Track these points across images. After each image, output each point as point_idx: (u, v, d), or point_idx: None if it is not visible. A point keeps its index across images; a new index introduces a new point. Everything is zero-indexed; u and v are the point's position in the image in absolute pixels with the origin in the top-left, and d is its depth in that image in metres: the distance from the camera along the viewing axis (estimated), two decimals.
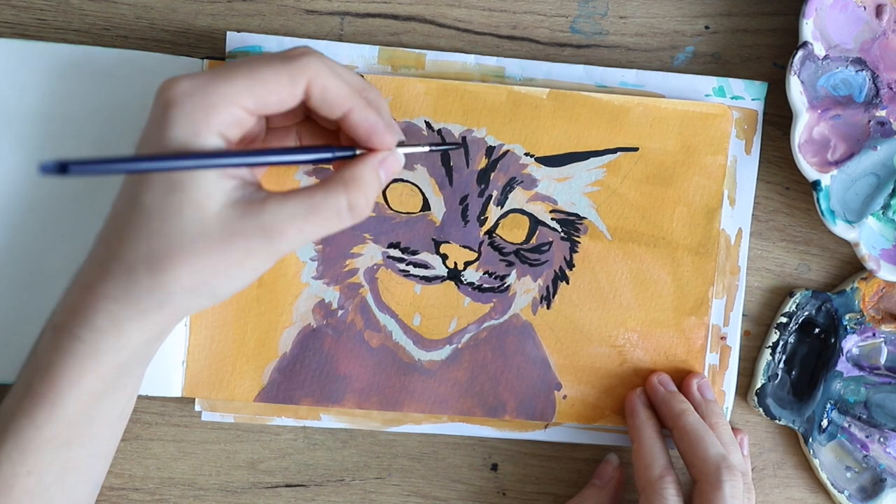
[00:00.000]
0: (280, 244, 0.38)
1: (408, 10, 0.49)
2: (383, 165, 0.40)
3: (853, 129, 0.49)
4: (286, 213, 0.37)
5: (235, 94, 0.37)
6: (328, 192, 0.38)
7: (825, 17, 0.48)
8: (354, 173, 0.39)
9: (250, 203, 0.37)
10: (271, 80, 0.37)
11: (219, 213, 0.37)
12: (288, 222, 0.37)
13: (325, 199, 0.38)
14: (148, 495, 0.50)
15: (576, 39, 0.50)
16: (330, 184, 0.38)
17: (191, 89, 0.37)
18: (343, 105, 0.39)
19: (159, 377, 0.48)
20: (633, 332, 0.50)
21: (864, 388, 0.51)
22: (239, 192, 0.37)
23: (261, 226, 0.37)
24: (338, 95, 0.39)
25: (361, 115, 0.39)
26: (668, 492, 0.45)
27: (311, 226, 0.38)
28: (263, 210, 0.37)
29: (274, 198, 0.38)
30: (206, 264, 0.37)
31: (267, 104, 0.38)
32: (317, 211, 0.38)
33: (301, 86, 0.38)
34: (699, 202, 0.49)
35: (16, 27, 0.48)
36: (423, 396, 0.49)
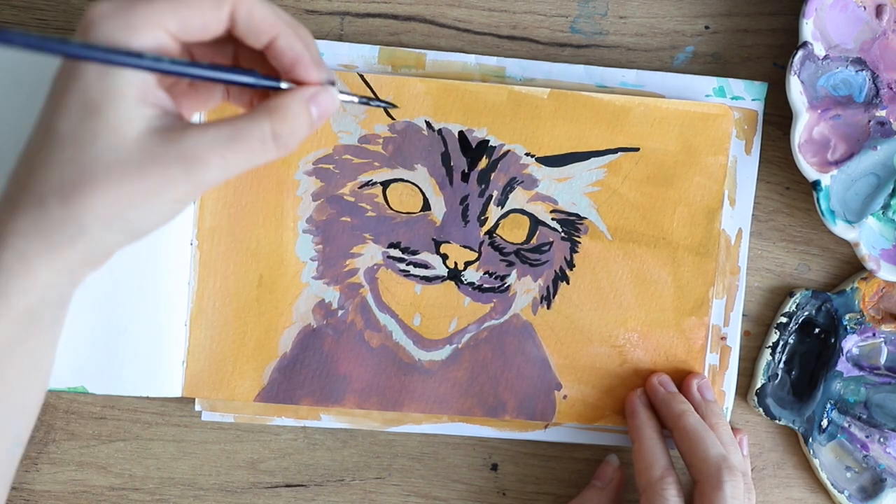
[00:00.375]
0: (202, 173, 0.36)
1: (408, 10, 0.49)
2: (314, 100, 0.38)
3: (853, 129, 0.49)
4: (207, 139, 0.36)
5: (157, 15, 0.35)
6: (252, 119, 0.37)
7: (825, 17, 0.48)
8: (280, 102, 0.37)
9: (170, 130, 0.36)
10: (195, 3, 0.36)
11: (137, 140, 0.35)
12: (209, 149, 0.36)
13: (249, 126, 0.36)
14: (148, 495, 0.50)
15: (576, 39, 0.50)
16: (254, 112, 0.37)
17: (111, 10, 0.35)
18: (269, 31, 0.37)
19: (159, 377, 0.48)
20: (633, 333, 0.50)
21: (864, 388, 0.51)
22: (159, 120, 0.36)
23: (181, 153, 0.35)
24: (263, 21, 0.37)
25: (287, 42, 0.37)
26: (668, 492, 0.45)
27: (234, 154, 0.36)
28: (184, 137, 0.36)
29: (195, 126, 0.36)
30: (122, 193, 0.35)
31: (190, 27, 0.36)
32: (239, 138, 0.36)
33: (226, 9, 0.36)
34: (700, 202, 0.49)
35: (16, 27, 0.48)
36: (423, 396, 0.49)
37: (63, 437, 0.49)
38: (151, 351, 0.47)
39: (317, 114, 0.38)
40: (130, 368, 0.47)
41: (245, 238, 0.48)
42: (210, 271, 0.48)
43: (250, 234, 0.48)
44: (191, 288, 0.48)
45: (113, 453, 0.50)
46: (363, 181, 0.48)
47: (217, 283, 0.48)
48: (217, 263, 0.48)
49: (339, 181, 0.48)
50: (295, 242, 0.48)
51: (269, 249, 0.48)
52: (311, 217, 0.48)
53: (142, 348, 0.47)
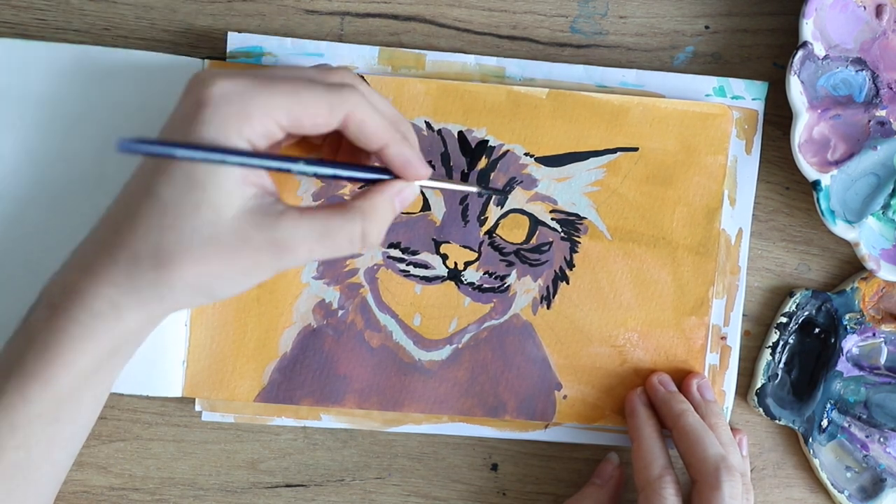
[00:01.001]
0: (288, 261, 0.38)
1: (408, 10, 0.49)
2: (400, 196, 0.40)
3: (853, 129, 0.49)
4: (301, 232, 0.38)
5: (273, 109, 0.37)
6: (345, 219, 0.38)
7: (825, 17, 0.48)
8: (374, 203, 0.39)
9: (266, 215, 0.37)
10: (311, 106, 0.38)
11: (234, 219, 0.37)
12: (300, 241, 0.38)
13: (342, 226, 0.38)
14: (148, 495, 0.50)
15: (576, 39, 0.50)
16: (347, 211, 0.39)
17: (230, 94, 0.37)
18: (380, 140, 0.39)
19: (159, 377, 0.48)
20: (633, 332, 0.50)
21: (864, 388, 0.51)
22: (257, 200, 0.37)
23: (273, 240, 0.37)
24: (375, 132, 0.39)
25: (397, 149, 0.40)
26: (667, 491, 0.45)
27: (322, 248, 0.38)
28: (278, 225, 0.37)
29: (290, 214, 0.38)
30: (213, 268, 0.37)
31: (301, 126, 0.38)
32: (331, 236, 0.38)
33: (339, 117, 0.38)
34: (699, 202, 0.49)
35: (16, 27, 0.48)
36: (424, 396, 0.49)
37: None
38: (151, 351, 0.47)
39: (399, 208, 0.41)
40: (130, 368, 0.47)
41: None
42: None
43: None
44: None
45: (113, 453, 0.50)
46: None
47: None
48: None
49: (340, 181, 0.48)
50: None
51: None
52: None
53: (142, 348, 0.47)
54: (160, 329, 0.47)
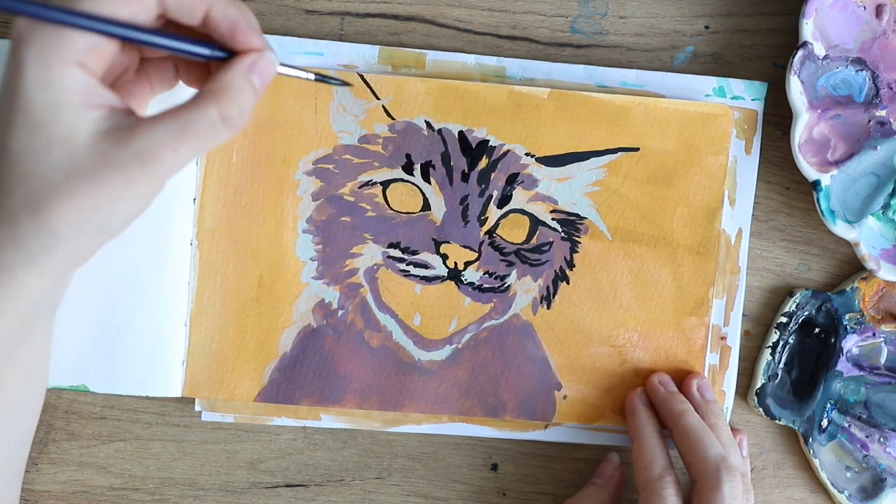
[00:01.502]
0: (158, 169, 0.36)
1: (408, 10, 0.49)
2: (254, 69, 0.37)
3: (853, 129, 0.49)
4: (157, 135, 0.36)
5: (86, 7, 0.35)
6: (198, 107, 0.36)
7: (825, 17, 0.48)
8: (222, 82, 0.37)
9: (120, 131, 0.36)
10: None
11: (89, 146, 0.35)
12: (161, 145, 0.36)
13: (196, 115, 0.36)
14: (148, 495, 0.50)
15: (576, 39, 0.50)
16: (198, 98, 0.37)
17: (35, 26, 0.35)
18: (201, 4, 0.37)
19: (159, 377, 0.48)
20: (633, 332, 0.50)
21: (864, 388, 0.51)
22: (107, 121, 0.36)
23: (134, 153, 0.35)
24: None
25: (221, 11, 0.37)
26: (667, 492, 0.45)
27: (186, 145, 0.36)
28: (134, 136, 0.35)
29: (143, 122, 0.36)
30: (85, 199, 0.35)
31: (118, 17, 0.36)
32: (189, 128, 0.36)
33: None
34: (700, 202, 0.49)
35: None
36: (423, 396, 0.49)
37: (63, 437, 0.49)
38: (151, 351, 0.47)
39: (259, 82, 0.38)
40: (130, 368, 0.47)
41: (245, 238, 0.48)
42: (210, 271, 0.48)
43: (250, 234, 0.48)
44: (191, 288, 0.48)
45: (113, 453, 0.50)
46: (363, 181, 0.48)
47: (217, 283, 0.48)
48: (217, 263, 0.48)
49: (339, 181, 0.48)
50: (295, 242, 0.48)
51: (269, 249, 0.48)
52: (311, 217, 0.48)
53: (142, 348, 0.47)
54: (160, 329, 0.47)
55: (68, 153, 0.35)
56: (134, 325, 0.47)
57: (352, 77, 0.48)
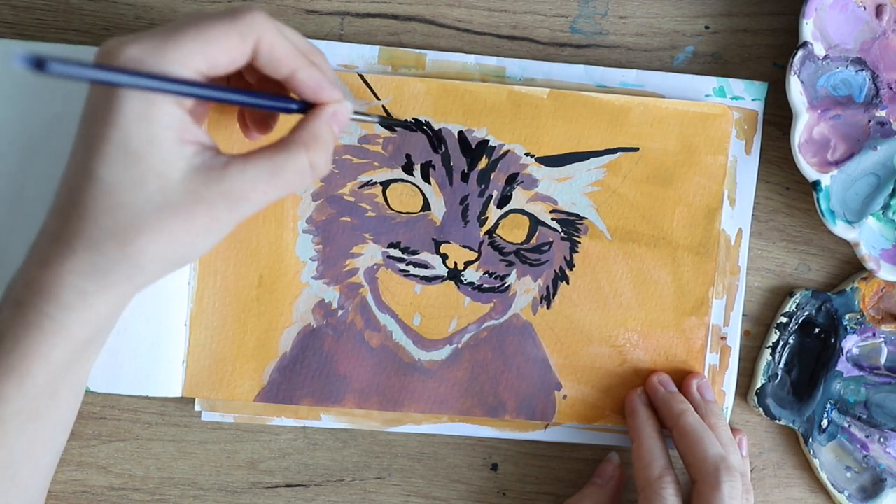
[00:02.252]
0: (244, 208, 0.38)
1: (408, 10, 0.49)
2: (335, 119, 0.40)
3: (853, 129, 0.49)
4: (248, 177, 0.37)
5: (187, 57, 0.36)
6: (289, 153, 0.38)
7: (825, 17, 0.48)
8: (312, 131, 0.39)
9: (211, 169, 0.37)
10: (222, 40, 0.37)
11: (181, 182, 0.36)
12: (251, 186, 0.37)
13: (287, 161, 0.38)
14: (148, 495, 0.50)
15: (576, 39, 0.50)
16: (290, 145, 0.38)
17: (140, 56, 0.35)
18: (290, 64, 0.38)
19: (159, 377, 0.48)
20: (633, 333, 0.50)
21: (864, 388, 0.51)
22: (199, 157, 0.37)
23: (224, 192, 0.37)
24: (285, 55, 0.38)
25: (307, 73, 0.39)
26: (666, 492, 0.45)
27: (275, 188, 0.38)
28: (225, 176, 0.37)
29: (235, 162, 0.37)
30: (173, 234, 0.37)
31: (218, 66, 0.37)
32: (279, 173, 0.38)
33: (250, 44, 0.37)
34: (699, 202, 0.49)
35: (16, 27, 0.48)
36: (423, 396, 0.49)
37: None
38: (152, 351, 0.47)
39: (337, 131, 0.40)
40: (130, 368, 0.47)
41: (245, 238, 0.48)
42: (210, 271, 0.48)
43: (250, 234, 0.48)
44: (191, 288, 0.48)
45: (113, 453, 0.50)
46: (363, 181, 0.48)
47: (217, 283, 0.48)
48: (217, 263, 0.48)
49: (339, 181, 0.48)
50: (295, 242, 0.48)
51: (269, 249, 0.48)
52: (311, 217, 0.48)
53: (142, 348, 0.47)
54: (160, 329, 0.47)
55: (161, 187, 0.36)
56: (134, 324, 0.47)
57: (353, 78, 0.48)
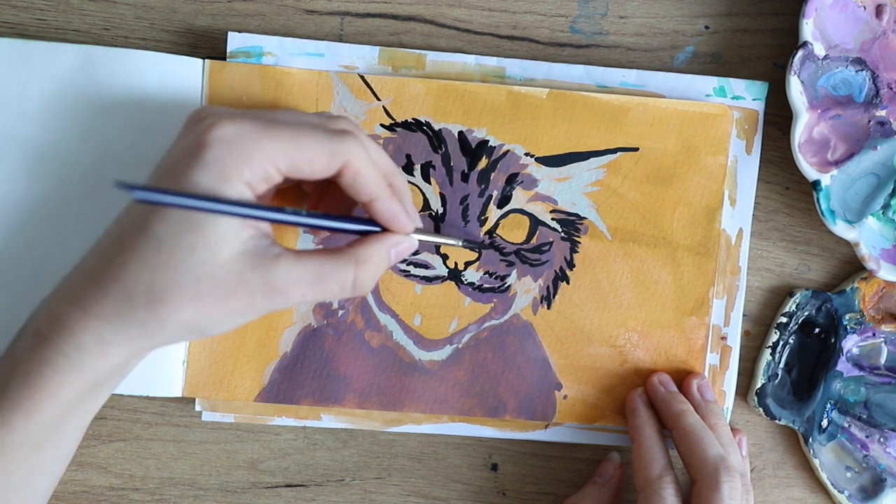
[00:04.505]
0: (280, 302, 0.38)
1: (408, 10, 0.49)
2: (396, 248, 0.41)
3: (853, 129, 0.49)
4: (294, 276, 0.38)
5: (274, 154, 0.37)
6: (339, 266, 0.39)
7: (825, 17, 0.48)
8: (369, 253, 0.40)
9: (262, 257, 0.38)
10: (311, 153, 0.38)
11: (230, 261, 0.37)
12: (294, 285, 0.38)
13: (335, 272, 0.39)
14: (148, 495, 0.50)
15: (576, 39, 0.50)
16: (342, 258, 0.39)
17: (233, 137, 0.37)
18: (371, 193, 0.40)
19: (159, 377, 0.48)
20: (633, 333, 0.50)
21: (864, 388, 0.51)
22: (253, 242, 0.38)
23: (268, 283, 0.38)
24: (368, 184, 0.40)
25: (386, 204, 0.40)
26: (666, 492, 0.45)
27: (314, 293, 0.39)
28: (273, 268, 0.38)
29: (286, 257, 0.38)
30: (206, 308, 0.37)
31: (299, 171, 0.38)
32: (324, 281, 0.39)
33: (337, 165, 0.39)
34: (700, 202, 0.49)
35: (16, 27, 0.48)
36: (424, 396, 0.49)
37: None
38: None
39: (394, 259, 0.41)
40: None
41: None
42: None
43: None
44: None
45: (113, 453, 0.50)
46: None
47: None
48: None
49: None
50: (295, 242, 0.48)
51: None
52: None
53: None
54: None
55: (209, 260, 0.37)
56: None
57: (353, 78, 0.48)
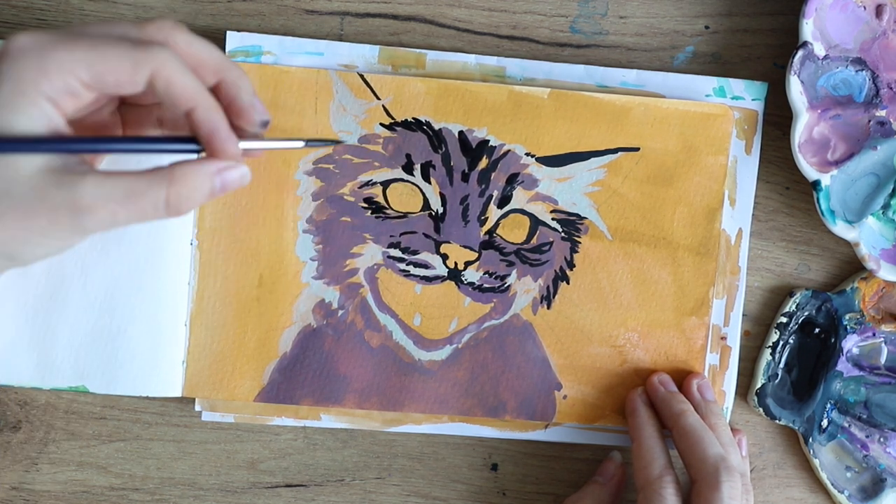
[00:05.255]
0: (88, 222, 0.36)
1: (408, 10, 0.49)
2: (222, 175, 0.39)
3: (853, 129, 0.49)
4: (102, 192, 0.36)
5: (71, 64, 0.35)
6: (150, 183, 0.37)
7: (825, 17, 0.48)
8: (185, 172, 0.38)
9: (68, 174, 0.36)
10: (113, 61, 0.36)
11: (31, 177, 0.35)
12: (102, 202, 0.36)
13: (146, 189, 0.37)
14: (148, 495, 0.50)
15: (576, 39, 0.50)
16: (156, 175, 0.37)
17: (29, 47, 0.35)
18: (186, 102, 0.37)
19: (159, 377, 0.48)
20: (633, 333, 0.50)
21: (864, 388, 0.51)
22: (59, 160, 0.36)
23: (72, 200, 0.35)
24: (182, 93, 0.37)
25: (203, 115, 0.38)
26: (666, 491, 0.45)
27: (126, 211, 0.37)
28: (79, 184, 0.36)
29: (94, 175, 0.36)
30: (7, 226, 0.35)
31: (104, 83, 0.36)
32: (134, 198, 0.36)
33: (144, 75, 0.36)
34: (700, 202, 0.49)
35: (16, 27, 0.48)
36: (424, 396, 0.49)
37: (63, 437, 0.49)
38: (151, 351, 0.47)
39: (220, 186, 0.39)
40: (130, 368, 0.47)
41: (245, 238, 0.48)
42: (210, 271, 0.48)
43: (250, 234, 0.48)
44: (191, 288, 0.48)
45: (113, 453, 0.50)
46: (363, 181, 0.48)
47: (217, 283, 0.48)
48: (217, 263, 0.48)
49: (339, 181, 0.48)
50: (295, 242, 0.48)
51: (269, 249, 0.48)
52: (311, 217, 0.48)
53: (142, 348, 0.47)
54: (160, 329, 0.47)
55: (8, 177, 0.35)
56: (134, 325, 0.47)
57: (353, 78, 0.48)
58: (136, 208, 0.37)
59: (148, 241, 0.47)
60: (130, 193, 0.36)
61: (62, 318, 0.46)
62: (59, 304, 0.46)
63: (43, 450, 0.49)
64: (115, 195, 0.36)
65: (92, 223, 0.36)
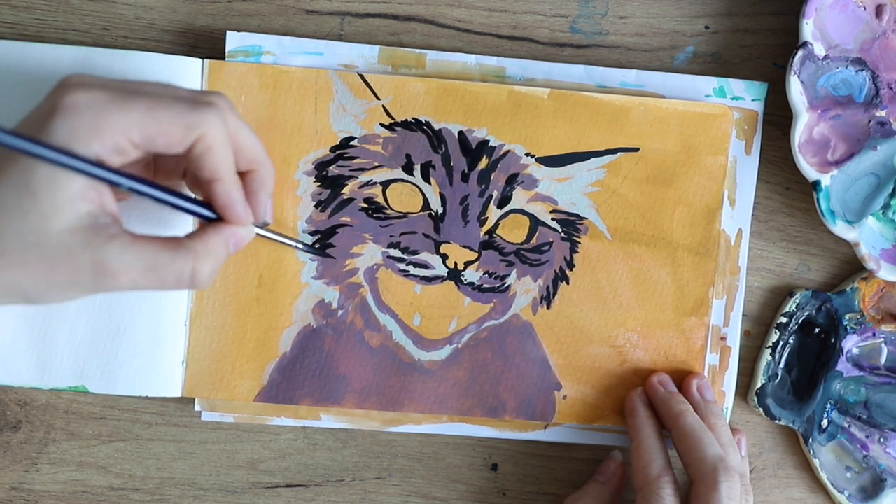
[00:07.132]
0: (108, 285, 0.37)
1: (408, 10, 0.49)
2: (234, 238, 0.40)
3: (853, 129, 0.49)
4: (126, 259, 0.37)
5: (126, 126, 0.36)
6: (176, 257, 0.38)
7: (825, 17, 0.48)
8: (207, 244, 0.39)
9: (96, 235, 0.36)
10: (167, 125, 0.37)
11: (60, 233, 0.36)
12: (124, 269, 0.37)
13: (171, 263, 0.38)
14: (148, 495, 0.50)
15: (576, 39, 0.50)
16: (180, 248, 0.38)
17: (85, 105, 0.36)
18: (215, 173, 0.39)
19: (159, 377, 0.48)
20: (633, 333, 0.50)
21: (864, 388, 0.51)
22: (90, 218, 0.36)
23: (97, 261, 0.36)
24: (215, 162, 0.38)
25: (224, 188, 0.39)
26: (665, 491, 0.45)
27: (147, 281, 0.38)
28: (105, 248, 0.36)
29: (121, 239, 0.37)
30: (29, 275, 0.36)
31: (154, 145, 0.37)
32: (157, 270, 0.38)
33: (192, 139, 0.37)
34: (699, 202, 0.49)
35: (16, 27, 0.48)
36: (423, 396, 0.49)
37: (63, 437, 0.50)
38: (151, 351, 0.47)
39: (233, 249, 0.40)
40: (130, 368, 0.47)
41: None
42: None
43: None
44: None
45: (113, 453, 0.50)
46: (363, 181, 0.48)
47: (217, 283, 0.48)
48: None
49: (339, 181, 0.48)
50: None
51: (269, 249, 0.48)
52: (311, 217, 0.48)
53: (141, 348, 0.47)
54: (160, 329, 0.47)
55: (38, 229, 0.36)
56: (134, 325, 0.47)
57: (353, 78, 0.48)
58: (159, 279, 0.38)
59: None
60: (154, 265, 0.37)
61: (62, 318, 0.47)
62: (58, 304, 0.46)
63: (43, 450, 0.49)
64: (139, 265, 0.37)
65: (111, 286, 0.37)
